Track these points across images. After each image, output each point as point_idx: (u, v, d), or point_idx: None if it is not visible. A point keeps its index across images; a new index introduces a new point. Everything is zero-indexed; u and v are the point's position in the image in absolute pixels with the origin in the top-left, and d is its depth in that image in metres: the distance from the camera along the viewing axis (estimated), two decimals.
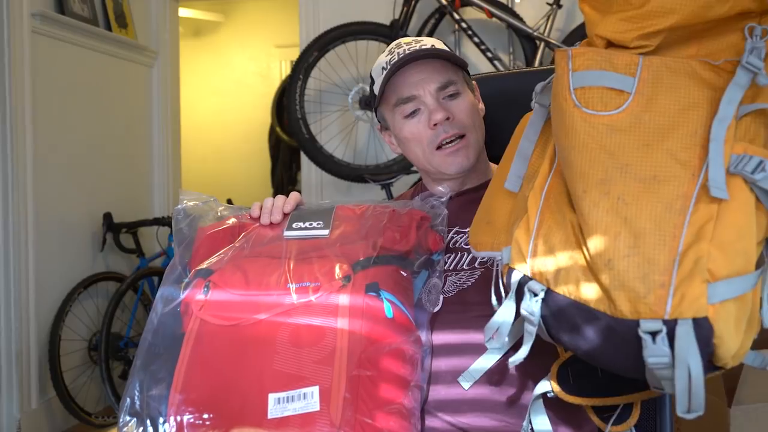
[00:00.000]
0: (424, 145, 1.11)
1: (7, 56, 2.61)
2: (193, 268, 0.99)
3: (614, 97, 0.73)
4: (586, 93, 0.74)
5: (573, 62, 0.75)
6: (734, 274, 0.64)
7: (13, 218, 2.63)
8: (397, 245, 0.96)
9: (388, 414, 0.85)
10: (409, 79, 1.11)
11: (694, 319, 0.63)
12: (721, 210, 0.65)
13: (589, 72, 0.74)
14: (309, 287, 0.90)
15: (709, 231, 0.64)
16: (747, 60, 0.69)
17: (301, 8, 3.22)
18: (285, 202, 1.06)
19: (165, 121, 3.66)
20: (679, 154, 0.68)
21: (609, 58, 0.74)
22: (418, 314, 0.95)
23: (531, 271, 0.75)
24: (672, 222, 0.66)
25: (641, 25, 0.73)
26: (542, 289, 0.74)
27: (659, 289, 0.64)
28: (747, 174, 0.65)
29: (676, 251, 0.65)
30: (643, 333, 0.64)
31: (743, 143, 0.68)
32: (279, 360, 0.86)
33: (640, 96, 0.72)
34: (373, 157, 3.05)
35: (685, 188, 0.67)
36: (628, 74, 0.73)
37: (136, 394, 0.91)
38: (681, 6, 0.72)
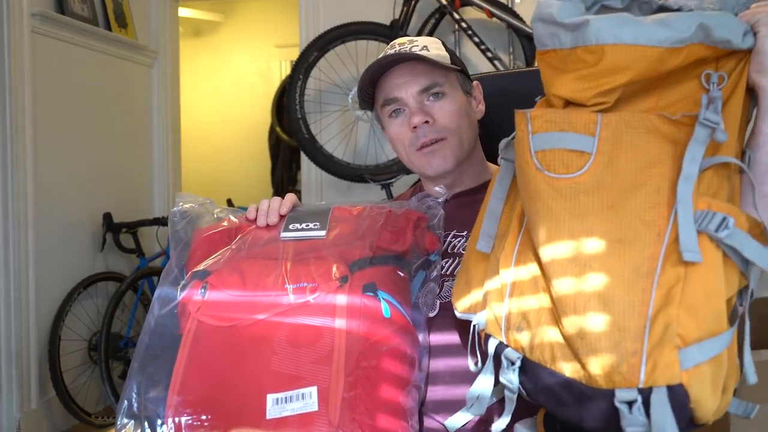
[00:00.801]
0: (406, 146, 1.13)
1: (7, 56, 2.61)
2: (190, 269, 0.99)
3: (575, 159, 0.72)
4: (547, 156, 0.73)
5: (532, 125, 0.75)
6: (705, 336, 0.63)
7: (13, 218, 2.63)
8: (394, 246, 0.96)
9: (387, 414, 0.85)
10: (393, 81, 1.12)
11: (669, 386, 0.62)
12: (688, 272, 0.64)
13: (549, 134, 0.74)
14: (306, 288, 0.90)
15: (677, 294, 0.64)
16: (704, 116, 0.68)
17: (301, 8, 3.21)
18: (281, 204, 1.06)
19: (165, 121, 3.66)
20: (644, 214, 0.68)
21: (567, 119, 0.74)
22: (416, 314, 0.95)
23: (506, 338, 0.75)
24: (640, 286, 0.65)
25: (597, 83, 0.73)
26: (518, 357, 0.74)
27: (632, 358, 0.64)
28: (711, 232, 0.65)
29: (646, 317, 0.64)
30: (619, 403, 0.64)
31: (706, 198, 0.67)
32: (277, 360, 0.86)
33: (601, 156, 0.71)
34: (373, 157, 3.05)
35: (651, 250, 0.66)
36: (587, 134, 0.72)
37: (134, 396, 0.90)
38: (634, 62, 0.71)
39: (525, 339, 0.73)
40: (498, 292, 0.77)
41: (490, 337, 0.78)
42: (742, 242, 0.65)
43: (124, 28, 3.37)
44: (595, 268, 0.68)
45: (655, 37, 0.70)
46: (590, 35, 0.72)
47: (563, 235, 0.70)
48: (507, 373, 0.75)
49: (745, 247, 0.65)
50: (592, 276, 0.67)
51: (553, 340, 0.70)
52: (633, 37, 0.71)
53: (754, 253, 0.66)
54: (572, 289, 0.68)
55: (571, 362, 0.68)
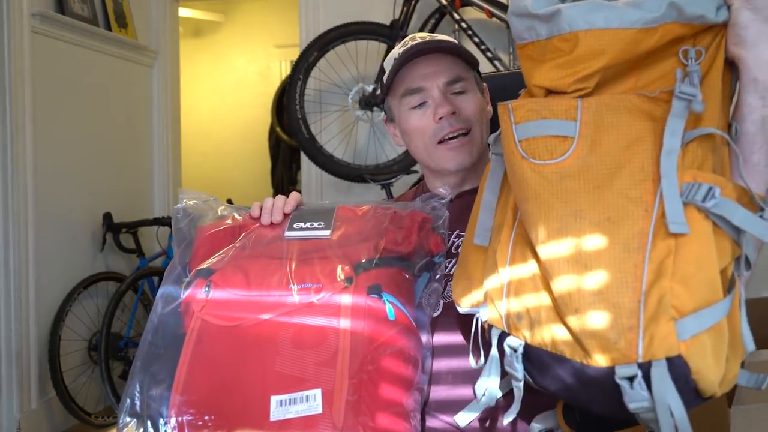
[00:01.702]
0: (427, 139, 1.11)
1: (7, 56, 2.61)
2: (193, 268, 0.98)
3: (559, 144, 0.73)
4: (531, 143, 0.74)
5: (514, 115, 0.76)
6: (701, 306, 0.63)
7: (13, 218, 2.63)
8: (399, 247, 0.96)
9: (390, 415, 0.85)
10: (419, 71, 1.10)
11: (668, 358, 0.62)
12: (678, 243, 0.65)
13: (531, 123, 0.75)
14: (311, 288, 0.90)
15: (669, 267, 0.64)
16: (680, 90, 0.69)
17: (301, 8, 3.21)
18: (285, 203, 1.05)
19: (165, 121, 3.66)
20: (630, 192, 0.68)
21: (548, 106, 0.75)
22: (419, 316, 0.95)
23: (507, 327, 0.76)
24: (632, 262, 0.66)
25: (574, 70, 0.74)
26: (520, 344, 0.74)
27: (628, 333, 0.64)
28: (698, 203, 0.65)
29: (640, 292, 0.65)
30: (620, 379, 0.64)
31: (692, 170, 0.68)
32: (281, 361, 0.86)
33: (583, 139, 0.72)
34: (373, 157, 3.05)
35: (640, 225, 0.67)
36: (569, 119, 0.73)
37: (136, 395, 0.90)
38: (609, 45, 0.72)
39: (525, 325, 0.74)
40: (498, 284, 0.78)
41: (492, 328, 0.78)
42: (730, 210, 0.65)
43: (124, 28, 3.37)
44: (586, 248, 0.68)
45: (627, 18, 0.71)
46: (563, 23, 0.73)
47: (553, 219, 0.71)
48: (511, 362, 0.75)
49: (734, 214, 0.66)
50: (584, 256, 0.68)
51: (552, 323, 0.71)
52: (605, 21, 0.71)
53: (743, 220, 0.66)
54: (565, 271, 0.69)
55: (570, 344, 0.69)
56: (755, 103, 0.73)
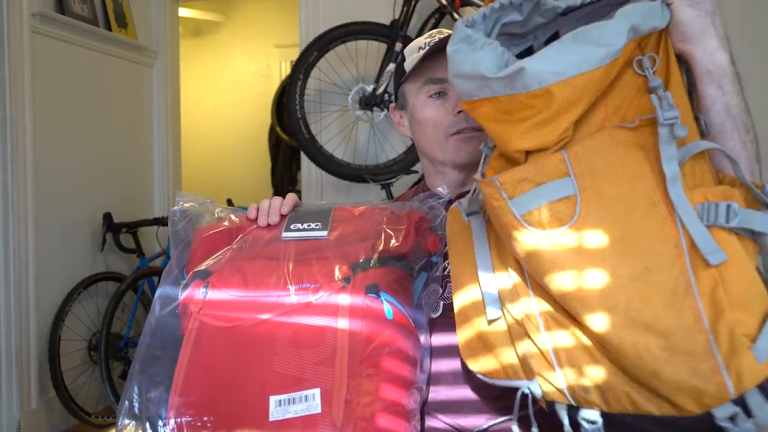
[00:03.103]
0: (441, 130, 1.12)
1: (7, 56, 2.61)
2: (191, 269, 0.98)
3: (564, 207, 0.70)
4: (534, 215, 0.71)
5: (506, 191, 0.72)
6: (762, 322, 0.64)
7: (13, 218, 2.63)
8: (397, 247, 0.96)
9: (390, 415, 0.85)
10: (446, 63, 1.11)
11: (758, 385, 0.63)
12: (720, 270, 0.65)
13: (528, 194, 0.71)
14: (309, 288, 0.90)
15: (722, 297, 0.64)
16: (664, 117, 0.68)
17: (301, 8, 3.21)
18: (282, 204, 1.05)
19: (165, 121, 3.66)
20: (653, 232, 0.67)
21: (538, 170, 0.71)
22: (418, 316, 0.95)
23: (575, 400, 0.72)
24: (687, 305, 0.65)
25: (556, 125, 0.71)
26: (596, 414, 0.71)
27: (714, 376, 0.63)
28: (723, 224, 0.65)
29: (706, 332, 0.64)
30: (721, 422, 0.64)
31: (700, 190, 0.67)
32: (279, 361, 0.86)
33: (585, 193, 0.70)
34: (373, 157, 3.05)
35: (678, 265, 0.66)
36: (562, 176, 0.71)
37: (135, 397, 0.90)
38: (584, 90, 0.69)
39: (596, 396, 0.70)
40: (541, 357, 0.73)
41: (554, 403, 0.73)
42: (751, 220, 0.66)
43: (124, 28, 3.37)
44: (637, 307, 0.66)
45: (595, 58, 0.68)
46: (531, 81, 0.69)
47: (591, 285, 0.68)
48: None
49: (755, 222, 0.66)
50: (639, 316, 0.66)
51: (627, 388, 0.68)
52: (576, 67, 0.68)
53: (763, 225, 0.67)
54: (626, 337, 0.66)
55: (655, 402, 0.67)
56: (714, 93, 0.74)
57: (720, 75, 0.73)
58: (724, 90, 0.73)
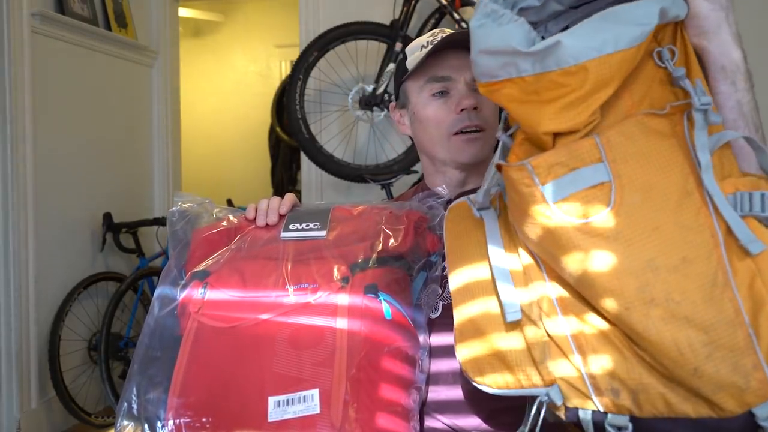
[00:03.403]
0: (443, 129, 1.12)
1: (7, 56, 2.61)
2: (190, 270, 0.98)
3: (599, 194, 0.67)
4: (569, 202, 0.67)
5: (538, 176, 0.68)
6: None
7: (13, 218, 2.63)
8: (395, 247, 0.96)
9: (389, 415, 0.85)
10: (449, 62, 1.11)
11: None
12: (757, 261, 0.63)
13: (562, 179, 0.68)
14: (307, 288, 0.90)
15: (761, 290, 0.62)
16: (701, 102, 0.67)
17: (301, 8, 3.21)
18: (280, 204, 1.05)
19: (165, 121, 3.66)
20: (688, 221, 0.65)
21: (572, 154, 0.68)
22: (417, 315, 0.95)
23: (603, 406, 0.68)
24: (726, 297, 0.63)
25: (587, 105, 0.68)
26: (625, 420, 0.67)
27: (756, 373, 0.61)
28: (759, 214, 0.64)
29: (746, 326, 0.62)
30: (764, 421, 0.62)
31: (730, 180, 0.66)
32: (278, 362, 0.85)
33: (619, 180, 0.67)
34: (373, 157, 3.05)
35: (716, 256, 0.64)
36: (595, 162, 0.68)
37: (133, 398, 0.90)
38: (618, 70, 0.67)
39: (627, 399, 0.66)
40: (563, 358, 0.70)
41: (576, 410, 0.69)
42: None
43: (124, 28, 3.37)
44: (677, 299, 0.63)
45: (629, 36, 0.66)
46: (566, 56, 0.66)
47: (627, 281, 0.65)
48: None
49: None
50: (679, 309, 0.63)
51: (661, 388, 0.65)
52: (613, 44, 0.66)
53: None
54: (665, 331, 0.63)
55: (691, 403, 0.64)
56: (728, 89, 0.73)
57: (734, 71, 0.73)
58: (737, 87, 0.73)
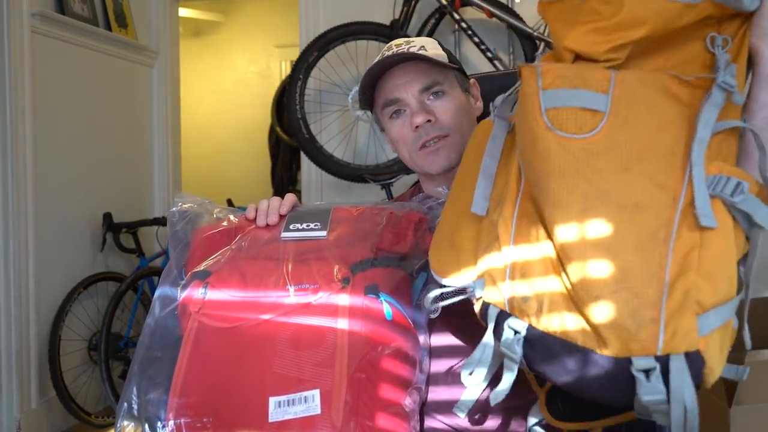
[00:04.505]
0: (409, 146, 1.13)
1: (7, 56, 2.61)
2: (190, 270, 0.98)
3: (589, 118, 0.69)
4: (560, 114, 0.69)
5: (543, 80, 0.70)
6: (721, 302, 0.63)
7: (13, 218, 2.63)
8: (396, 247, 0.96)
9: (389, 415, 0.85)
10: (394, 82, 1.12)
11: (686, 353, 0.61)
12: (704, 237, 0.63)
13: (562, 90, 0.70)
14: (308, 289, 0.90)
15: (694, 260, 0.63)
16: (723, 79, 0.67)
17: (301, 8, 3.21)
18: (281, 204, 1.05)
19: (165, 121, 3.66)
20: (658, 177, 0.66)
21: (581, 74, 0.70)
22: (417, 316, 0.95)
23: (510, 307, 0.71)
24: (657, 252, 0.64)
25: (612, 37, 0.70)
26: (523, 326, 0.70)
27: (650, 325, 0.62)
28: (726, 197, 0.64)
29: (664, 283, 0.63)
30: (636, 371, 0.63)
31: (718, 162, 0.66)
32: (279, 362, 0.85)
33: (614, 116, 0.68)
34: (373, 157, 3.05)
35: (667, 214, 0.65)
36: (601, 91, 0.69)
37: (134, 398, 0.90)
38: (653, 15, 0.69)
39: (532, 309, 0.69)
40: (498, 257, 0.73)
41: (489, 305, 0.73)
42: (755, 207, 0.65)
43: (124, 28, 3.37)
44: (611, 233, 0.65)
45: None
46: None
47: (576, 199, 0.67)
48: (511, 345, 0.71)
49: (757, 211, 0.65)
50: (609, 242, 0.65)
51: (564, 310, 0.67)
52: None
53: (765, 218, 0.65)
54: (588, 255, 0.65)
55: (582, 330, 0.66)
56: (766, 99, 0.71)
57: None
58: None
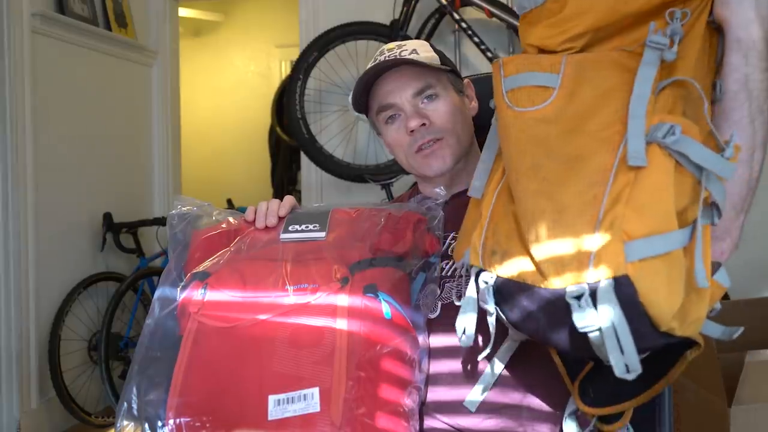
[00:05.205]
0: (405, 150, 1.13)
1: (7, 56, 2.61)
2: (189, 271, 0.98)
3: (541, 93, 0.77)
4: (516, 93, 0.79)
5: (504, 69, 0.82)
6: (653, 232, 0.65)
7: (13, 218, 2.63)
8: (394, 247, 0.96)
9: (388, 414, 0.85)
10: (387, 87, 1.12)
11: (615, 278, 0.64)
12: (637, 176, 0.67)
13: (519, 75, 0.80)
14: (307, 289, 0.90)
15: (625, 195, 0.67)
16: (650, 39, 0.72)
17: (301, 8, 3.22)
18: (280, 206, 1.06)
19: (165, 121, 3.66)
20: (600, 133, 0.72)
21: (535, 60, 0.80)
22: (416, 316, 0.95)
23: (482, 263, 0.79)
24: (592, 193, 0.69)
25: (563, 29, 0.79)
26: (491, 277, 0.77)
27: (581, 256, 0.67)
28: (658, 139, 0.67)
29: (596, 218, 0.67)
30: (570, 299, 0.66)
31: (660, 114, 0.70)
32: (278, 361, 0.86)
33: (563, 90, 0.76)
34: (373, 157, 3.05)
35: (606, 161, 0.70)
36: (553, 72, 0.78)
37: (133, 398, 0.90)
38: (596, 3, 0.76)
39: (498, 259, 0.77)
40: (479, 226, 0.82)
41: (472, 267, 0.81)
42: (688, 146, 0.67)
43: (123, 27, 3.37)
44: (552, 181, 0.72)
45: None
46: None
47: (526, 158, 0.75)
48: (485, 296, 0.78)
49: (692, 150, 0.67)
50: (550, 188, 0.72)
51: (520, 255, 0.74)
52: None
53: (702, 157, 0.67)
54: (531, 202, 0.73)
55: (531, 269, 0.72)
56: (738, 61, 0.75)
57: (748, 46, 0.74)
58: (749, 61, 0.75)
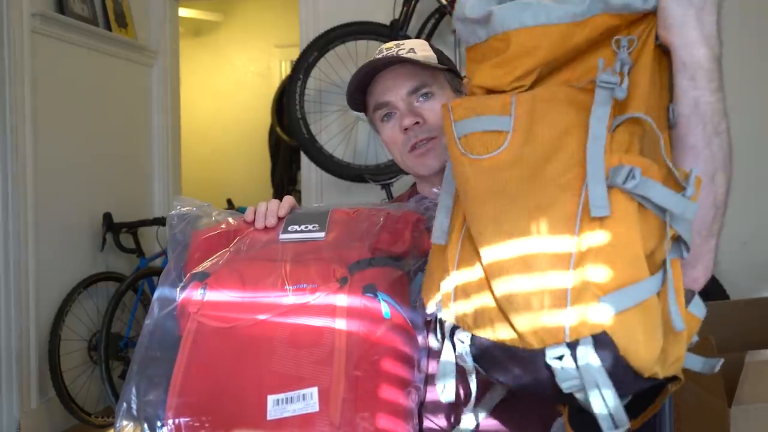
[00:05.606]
0: (399, 148, 1.14)
1: (7, 56, 2.61)
2: (189, 271, 0.98)
3: (494, 139, 0.74)
4: (470, 139, 0.76)
5: (453, 114, 0.78)
6: (625, 283, 0.64)
7: (13, 218, 2.63)
8: (393, 247, 0.97)
9: (388, 414, 0.85)
10: (383, 85, 1.13)
11: (593, 336, 0.63)
12: (602, 225, 0.66)
13: (469, 120, 0.77)
14: (306, 289, 0.90)
15: (593, 248, 0.65)
16: (600, 79, 0.70)
17: (301, 8, 3.22)
18: (279, 206, 1.06)
19: (165, 121, 3.67)
20: (559, 179, 0.70)
21: (484, 103, 0.77)
22: (414, 316, 0.95)
23: (456, 319, 0.77)
24: (559, 246, 0.67)
25: (510, 68, 0.76)
26: (467, 335, 0.75)
27: (558, 315, 0.65)
28: (619, 184, 0.66)
29: (568, 273, 0.66)
30: (551, 360, 0.65)
31: (618, 154, 0.68)
32: (277, 361, 0.86)
33: (517, 132, 0.73)
34: (373, 157, 3.05)
35: (569, 211, 0.68)
36: (504, 114, 0.75)
37: (133, 399, 0.90)
38: (541, 42, 0.74)
39: (471, 319, 0.75)
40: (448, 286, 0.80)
41: (444, 323, 0.80)
42: (650, 189, 0.66)
43: (124, 28, 3.37)
44: (516, 235, 0.70)
45: (554, 14, 0.73)
46: (497, 25, 0.76)
47: (488, 210, 0.73)
48: (462, 356, 0.77)
49: (653, 193, 0.66)
50: (516, 243, 0.70)
51: (492, 313, 0.72)
52: (533, 19, 0.73)
53: (664, 198, 0.67)
54: (498, 258, 0.71)
55: (508, 330, 0.70)
56: (686, 84, 0.74)
57: (694, 68, 0.73)
58: (697, 84, 0.73)
